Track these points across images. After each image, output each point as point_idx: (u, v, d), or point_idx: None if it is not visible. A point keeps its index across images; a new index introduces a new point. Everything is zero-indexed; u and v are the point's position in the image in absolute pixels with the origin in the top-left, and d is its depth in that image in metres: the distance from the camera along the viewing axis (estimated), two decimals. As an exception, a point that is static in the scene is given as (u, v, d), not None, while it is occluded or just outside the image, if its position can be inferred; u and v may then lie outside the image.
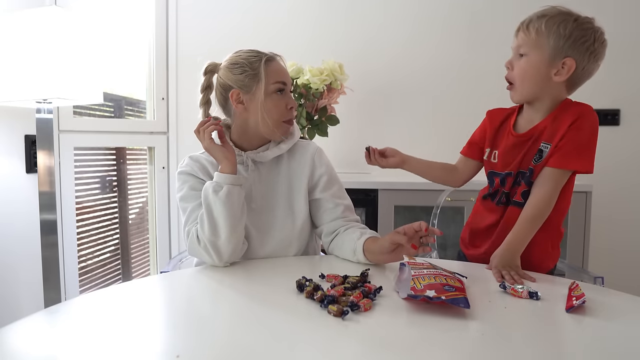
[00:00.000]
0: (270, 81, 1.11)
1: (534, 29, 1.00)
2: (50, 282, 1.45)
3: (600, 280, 1.25)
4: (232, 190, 1.04)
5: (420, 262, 0.96)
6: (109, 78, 2.04)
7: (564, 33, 0.99)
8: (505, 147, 1.12)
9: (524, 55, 1.02)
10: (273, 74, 1.11)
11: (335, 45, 2.24)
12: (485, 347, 0.67)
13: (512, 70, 1.05)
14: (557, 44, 0.99)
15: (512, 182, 1.11)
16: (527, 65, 1.02)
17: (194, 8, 2.29)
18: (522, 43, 1.02)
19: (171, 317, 0.81)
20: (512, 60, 1.06)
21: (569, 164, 1.02)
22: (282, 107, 1.13)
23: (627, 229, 2.14)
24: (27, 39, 1.28)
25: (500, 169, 1.13)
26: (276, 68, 1.13)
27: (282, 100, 1.13)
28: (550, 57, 1.00)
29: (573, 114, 1.03)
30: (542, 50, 1.00)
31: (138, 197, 2.27)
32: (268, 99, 1.11)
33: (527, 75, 1.03)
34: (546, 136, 1.05)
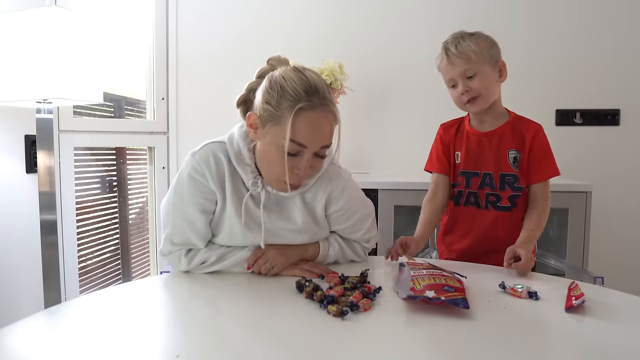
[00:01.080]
0: (289, 136, 0.88)
1: (470, 51, 1.14)
2: (50, 282, 1.45)
3: (600, 280, 1.26)
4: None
5: (419, 262, 0.96)
6: (109, 78, 2.04)
7: (485, 44, 1.17)
8: (467, 147, 1.25)
9: (475, 75, 1.16)
10: (296, 131, 0.88)
11: (335, 45, 2.24)
12: (485, 347, 0.67)
13: (471, 91, 1.17)
14: (489, 54, 1.16)
15: (478, 183, 1.23)
16: (484, 79, 1.16)
17: (194, 8, 2.29)
18: (466, 67, 1.15)
19: (171, 317, 0.81)
20: (466, 84, 1.17)
21: (549, 174, 1.21)
22: (287, 167, 0.91)
23: (627, 229, 2.14)
24: (27, 39, 1.28)
25: (463, 167, 1.25)
26: (305, 124, 0.89)
27: (290, 161, 0.92)
28: (491, 66, 1.17)
29: (531, 128, 1.21)
30: (485, 63, 1.16)
31: (138, 197, 2.27)
32: (276, 150, 0.92)
33: (487, 86, 1.17)
34: (510, 143, 1.21)
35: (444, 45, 1.20)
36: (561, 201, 1.76)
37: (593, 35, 2.12)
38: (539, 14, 2.15)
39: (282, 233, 1.04)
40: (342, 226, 1.10)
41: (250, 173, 1.00)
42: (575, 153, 2.13)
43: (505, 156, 1.21)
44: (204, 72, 2.29)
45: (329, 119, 0.92)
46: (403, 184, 1.84)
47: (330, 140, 0.94)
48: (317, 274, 0.99)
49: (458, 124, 1.31)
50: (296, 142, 0.89)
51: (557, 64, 2.14)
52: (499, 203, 1.23)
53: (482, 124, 1.25)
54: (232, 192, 1.00)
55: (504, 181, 1.22)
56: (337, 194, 1.06)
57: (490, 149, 1.22)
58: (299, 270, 1.01)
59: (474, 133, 1.25)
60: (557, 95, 2.15)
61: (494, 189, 1.22)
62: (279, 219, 1.04)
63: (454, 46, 1.16)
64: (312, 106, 0.89)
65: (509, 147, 1.21)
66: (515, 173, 1.20)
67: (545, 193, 1.21)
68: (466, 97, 1.17)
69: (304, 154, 0.92)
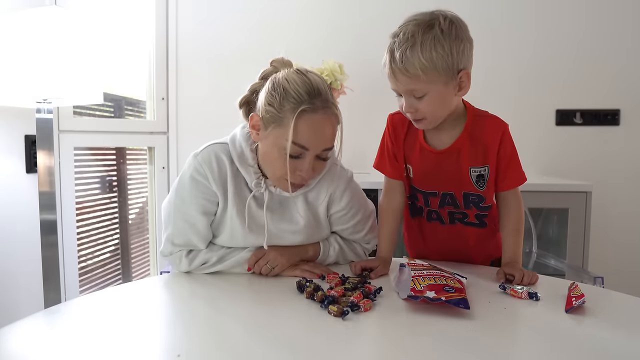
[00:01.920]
0: (291, 139, 0.88)
1: (418, 67, 0.88)
2: (50, 283, 1.45)
3: (600, 280, 1.26)
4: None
5: (420, 262, 0.96)
6: (109, 78, 2.04)
7: (445, 52, 0.89)
8: (422, 164, 1.05)
9: (423, 97, 0.92)
10: (298, 133, 0.89)
11: (335, 46, 2.23)
12: (485, 347, 0.67)
13: (415, 112, 0.95)
14: (445, 66, 0.89)
15: (438, 202, 1.07)
16: (432, 101, 0.93)
17: (194, 8, 2.29)
18: (412, 87, 0.92)
19: (171, 317, 0.81)
20: (410, 104, 0.94)
21: (520, 180, 1.02)
22: (289, 168, 0.92)
23: (627, 229, 2.14)
24: (27, 39, 1.28)
25: (419, 185, 1.07)
26: (307, 127, 0.89)
27: (292, 163, 0.92)
28: (446, 82, 0.91)
29: (495, 129, 0.99)
30: (437, 82, 0.91)
31: (138, 197, 2.27)
32: (278, 152, 0.92)
33: (436, 108, 0.94)
34: (472, 157, 1.00)
35: (389, 48, 0.95)
36: (561, 201, 1.76)
37: (593, 36, 2.12)
38: (540, 15, 2.15)
39: (283, 235, 1.04)
40: (344, 227, 1.10)
41: (253, 174, 1.00)
42: (575, 153, 2.13)
43: (466, 174, 1.01)
44: (204, 72, 2.29)
45: (331, 121, 0.93)
46: (403, 184, 1.84)
47: (332, 142, 0.95)
48: (318, 274, 0.99)
49: (408, 125, 1.05)
50: (298, 144, 0.90)
51: (557, 64, 2.14)
52: (466, 219, 1.08)
53: (439, 140, 1.02)
54: (234, 194, 0.99)
55: (468, 200, 1.05)
56: (339, 194, 1.06)
57: (449, 168, 1.02)
58: (299, 271, 1.01)
59: (430, 150, 1.03)
60: (557, 95, 2.16)
61: (458, 207, 1.06)
62: (281, 220, 1.03)
63: (399, 55, 0.90)
64: (314, 109, 0.89)
65: (471, 164, 1.01)
66: (480, 193, 1.03)
67: (517, 198, 1.04)
68: (410, 116, 0.97)
69: (306, 156, 0.92)
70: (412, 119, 0.98)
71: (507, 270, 0.98)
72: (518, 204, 1.04)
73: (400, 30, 0.94)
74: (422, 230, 1.15)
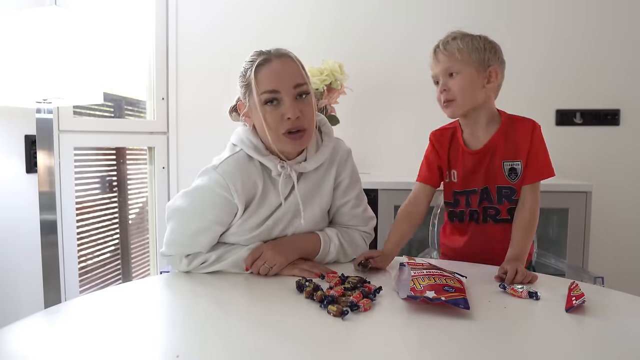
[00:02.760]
0: (259, 91, 0.96)
1: (455, 49, 1.10)
2: (50, 282, 1.45)
3: (600, 280, 1.26)
4: None
5: (419, 262, 0.96)
6: (109, 78, 2.04)
7: (479, 46, 1.10)
8: (463, 166, 1.17)
9: (455, 74, 1.10)
10: (263, 82, 0.96)
11: (335, 45, 2.24)
12: (485, 347, 0.67)
13: (448, 91, 1.11)
14: (478, 57, 1.10)
15: (478, 200, 1.17)
16: (463, 81, 1.10)
17: (194, 8, 2.29)
18: (449, 65, 1.11)
19: (171, 317, 0.81)
20: (445, 83, 1.12)
21: (542, 175, 1.13)
22: (275, 119, 0.97)
23: (627, 229, 2.14)
24: (27, 39, 1.28)
25: (461, 187, 1.18)
26: (267, 74, 0.96)
27: (276, 111, 0.97)
28: (477, 70, 1.10)
29: (526, 128, 1.13)
30: (470, 65, 1.10)
31: (138, 197, 2.27)
32: (262, 112, 0.97)
33: (465, 89, 1.10)
34: (505, 153, 1.13)
35: (436, 44, 1.16)
36: (561, 201, 1.76)
37: (593, 36, 2.12)
38: (539, 15, 2.14)
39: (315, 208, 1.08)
40: (348, 198, 1.12)
41: (273, 159, 1.02)
42: (575, 153, 2.13)
43: (500, 168, 1.14)
44: (204, 72, 2.29)
45: (289, 62, 0.99)
46: (403, 184, 1.84)
47: (300, 78, 0.99)
48: (317, 273, 0.99)
49: (451, 135, 1.20)
50: (266, 91, 0.96)
51: (557, 64, 2.14)
52: (498, 216, 1.17)
53: (476, 139, 1.17)
54: (264, 189, 1.03)
55: (501, 194, 1.15)
56: (344, 158, 1.12)
57: (485, 164, 1.15)
58: (298, 270, 1.01)
59: (469, 152, 1.16)
60: (557, 95, 2.15)
61: (492, 202, 1.16)
62: (312, 195, 1.08)
63: (443, 43, 1.13)
64: (267, 59, 0.98)
65: (504, 158, 1.13)
66: (512, 185, 1.13)
67: (535, 197, 1.12)
68: (443, 97, 1.12)
69: (282, 98, 0.97)
70: (443, 100, 1.13)
71: (505, 266, 1.00)
72: (534, 203, 1.12)
73: (446, 34, 1.16)
74: (458, 233, 1.23)
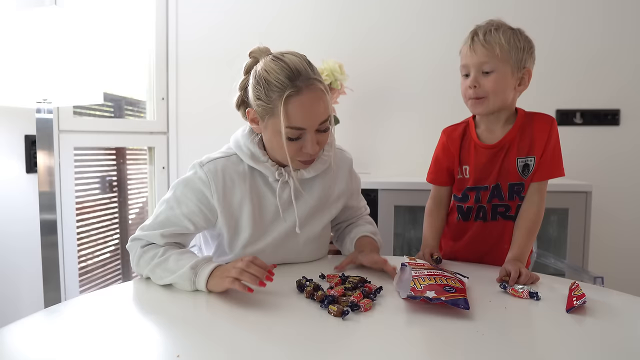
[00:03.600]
0: (285, 124, 0.93)
1: (496, 44, 1.01)
2: (50, 282, 1.45)
3: (600, 280, 1.25)
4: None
5: (421, 262, 0.96)
6: (109, 78, 2.04)
7: (520, 45, 1.03)
8: (476, 161, 1.12)
9: (491, 72, 1.03)
10: (291, 117, 0.93)
11: (335, 45, 2.24)
12: (486, 347, 0.67)
13: (479, 87, 1.04)
14: (517, 57, 1.03)
15: (488, 196, 1.13)
16: (498, 80, 1.03)
17: (194, 8, 2.29)
18: (486, 60, 1.02)
19: (171, 317, 0.81)
20: (477, 78, 1.04)
21: (552, 174, 1.09)
22: (294, 150, 0.97)
23: (627, 229, 2.14)
24: (27, 39, 1.28)
25: (473, 183, 1.14)
26: (296, 109, 0.92)
27: (296, 144, 0.96)
28: (512, 70, 1.04)
29: (543, 124, 1.09)
30: (507, 64, 1.02)
31: (138, 197, 2.26)
32: (280, 137, 0.95)
33: (499, 89, 1.04)
34: (520, 150, 1.09)
35: (474, 28, 1.06)
36: (561, 201, 1.76)
37: (593, 36, 2.12)
38: (539, 15, 2.14)
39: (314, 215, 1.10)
40: (354, 198, 1.21)
41: (271, 167, 1.03)
42: (575, 153, 2.13)
43: (513, 165, 1.10)
44: (204, 72, 2.29)
45: (318, 95, 0.95)
46: (403, 184, 1.84)
47: (326, 114, 0.97)
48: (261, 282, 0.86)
49: (463, 131, 1.16)
50: (294, 127, 0.94)
51: (557, 64, 2.14)
52: (508, 212, 1.14)
53: (491, 134, 1.12)
54: (251, 198, 1.03)
55: (512, 191, 1.12)
56: (352, 170, 1.18)
57: (499, 160, 1.11)
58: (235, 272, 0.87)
59: (484, 146, 1.11)
60: (557, 95, 2.15)
61: (503, 199, 1.13)
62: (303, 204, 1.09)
63: (483, 32, 1.03)
64: (298, 90, 0.92)
65: (518, 155, 1.09)
66: (524, 181, 1.10)
67: (543, 194, 1.10)
68: (473, 93, 1.05)
69: (306, 135, 0.96)
70: (472, 98, 1.06)
71: (507, 267, 0.99)
72: (541, 203, 1.09)
73: (485, 22, 1.07)
74: (464, 233, 1.20)
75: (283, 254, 1.09)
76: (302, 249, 1.11)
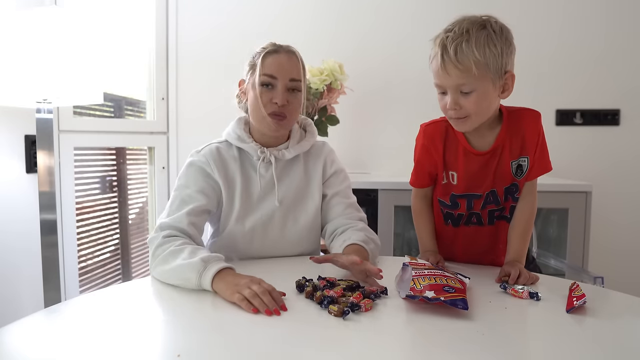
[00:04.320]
0: (261, 72, 1.09)
1: (471, 63, 0.89)
2: (50, 282, 1.45)
3: (600, 280, 1.26)
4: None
5: (421, 262, 0.96)
6: (109, 78, 2.04)
7: (497, 52, 0.91)
8: (467, 168, 1.05)
9: (470, 93, 0.93)
10: (266, 66, 1.09)
11: (335, 45, 2.24)
12: (486, 347, 0.67)
13: (460, 109, 0.95)
14: (495, 66, 0.92)
15: (481, 204, 1.09)
16: (481, 99, 0.93)
17: (194, 8, 2.29)
18: (463, 81, 0.92)
19: (171, 317, 0.81)
20: (456, 100, 0.94)
21: (544, 170, 1.06)
22: (264, 100, 1.09)
23: (627, 229, 2.14)
24: (27, 39, 1.28)
25: (464, 190, 1.08)
26: (272, 61, 1.10)
27: (268, 93, 1.10)
28: (493, 81, 0.93)
29: (532, 122, 1.03)
30: (486, 79, 0.92)
31: (138, 197, 2.26)
32: (255, 91, 1.10)
33: (482, 107, 0.95)
34: (512, 151, 1.03)
35: (442, 41, 0.93)
36: (561, 201, 1.76)
37: (593, 36, 2.12)
38: (539, 14, 2.15)
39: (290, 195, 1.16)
40: (340, 187, 1.21)
41: (255, 146, 1.14)
42: (575, 153, 2.13)
43: (508, 169, 1.05)
44: (204, 72, 2.29)
45: (292, 59, 1.12)
46: (403, 184, 1.83)
47: (297, 74, 1.11)
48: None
49: (444, 132, 1.06)
50: (267, 74, 1.09)
51: (557, 64, 2.14)
52: (502, 213, 1.12)
53: (482, 138, 1.04)
54: (242, 174, 1.13)
55: (507, 193, 1.08)
56: (330, 157, 1.23)
57: (494, 166, 1.05)
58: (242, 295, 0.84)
59: (476, 153, 1.04)
60: (557, 95, 2.16)
61: (499, 204, 1.09)
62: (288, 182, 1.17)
63: (453, 49, 0.90)
64: (276, 50, 1.11)
65: (512, 158, 1.04)
66: (517, 182, 1.06)
67: (533, 195, 1.08)
68: (454, 114, 0.96)
69: (277, 85, 1.09)
70: (454, 118, 0.97)
71: (507, 268, 0.99)
72: (534, 200, 1.07)
73: (453, 26, 0.94)
74: (455, 239, 1.16)
75: (272, 238, 1.15)
76: (290, 235, 1.16)
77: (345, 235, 1.12)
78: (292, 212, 1.17)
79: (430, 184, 1.14)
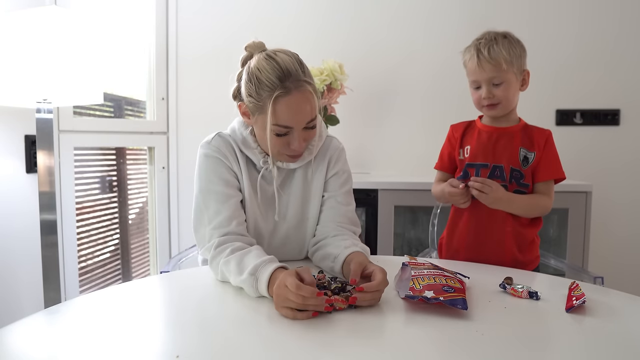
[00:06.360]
0: (273, 121, 0.97)
1: (501, 59, 1.16)
2: (50, 282, 1.45)
3: (600, 280, 1.26)
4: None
5: (421, 262, 0.96)
6: (109, 78, 2.04)
7: (517, 53, 1.19)
8: (478, 141, 1.26)
9: (501, 84, 1.18)
10: (278, 115, 0.96)
11: (335, 45, 2.24)
12: (485, 347, 0.67)
13: (493, 97, 1.19)
14: (518, 64, 1.20)
15: (488, 174, 1.22)
16: (509, 88, 1.19)
17: (194, 7, 2.29)
18: (495, 74, 1.18)
19: (171, 317, 0.81)
20: (490, 91, 1.19)
21: (556, 174, 1.23)
22: (281, 145, 1.01)
23: (627, 229, 2.14)
24: (27, 39, 1.28)
25: (474, 159, 1.25)
26: (284, 109, 0.96)
27: (283, 139, 1.01)
28: (516, 76, 1.20)
29: (543, 133, 1.25)
30: (512, 73, 1.19)
31: (138, 197, 2.27)
32: (269, 136, 0.99)
33: (510, 95, 1.20)
34: (522, 141, 1.23)
35: (476, 45, 1.20)
36: (561, 201, 1.76)
37: (593, 36, 2.12)
38: (539, 14, 2.15)
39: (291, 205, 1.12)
40: (337, 192, 1.14)
41: (258, 154, 1.09)
42: (575, 153, 2.13)
43: (516, 153, 1.22)
44: (204, 72, 2.29)
45: (306, 96, 0.98)
46: (403, 184, 1.84)
47: (313, 114, 1.01)
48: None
49: (468, 124, 1.33)
50: (281, 125, 0.98)
51: (557, 64, 2.14)
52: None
53: (495, 121, 1.26)
54: (247, 175, 1.08)
55: (512, 175, 1.22)
56: (336, 157, 1.16)
57: (502, 144, 1.23)
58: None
59: (487, 129, 1.26)
60: (557, 95, 2.16)
61: (504, 180, 1.21)
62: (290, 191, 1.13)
63: (486, 49, 1.17)
64: (287, 91, 0.96)
65: (521, 145, 1.22)
66: (522, 171, 1.21)
67: (549, 191, 1.22)
68: (487, 102, 1.20)
69: (293, 133, 1.00)
70: (487, 104, 1.21)
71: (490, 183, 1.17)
72: (546, 199, 1.21)
73: (482, 36, 1.22)
74: (462, 214, 1.27)
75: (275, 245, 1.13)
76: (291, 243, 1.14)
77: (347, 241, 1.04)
78: (293, 228, 1.13)
79: (449, 169, 1.33)
